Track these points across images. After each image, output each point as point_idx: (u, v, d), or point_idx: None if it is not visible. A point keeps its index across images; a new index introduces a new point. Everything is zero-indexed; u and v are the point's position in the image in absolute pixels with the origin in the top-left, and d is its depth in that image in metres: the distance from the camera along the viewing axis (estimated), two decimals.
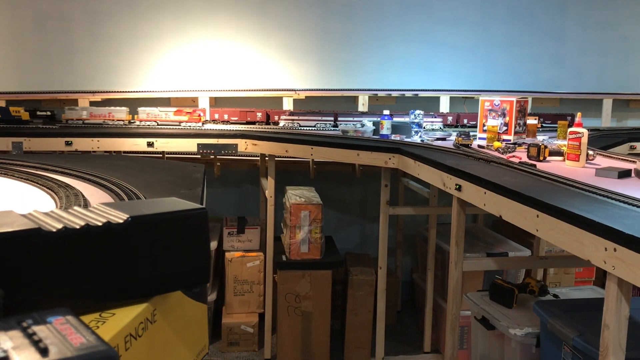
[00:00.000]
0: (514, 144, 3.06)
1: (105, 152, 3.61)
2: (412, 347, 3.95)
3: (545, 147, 2.67)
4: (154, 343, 0.78)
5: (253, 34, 4.48)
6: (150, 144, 3.55)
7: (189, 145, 3.56)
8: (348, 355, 3.77)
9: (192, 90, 4.35)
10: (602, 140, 3.66)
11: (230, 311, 3.92)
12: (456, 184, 2.44)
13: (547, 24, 4.79)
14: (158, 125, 3.81)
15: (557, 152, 2.70)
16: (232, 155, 3.73)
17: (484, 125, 3.34)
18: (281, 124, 3.96)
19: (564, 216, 1.72)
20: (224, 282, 3.93)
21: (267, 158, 3.72)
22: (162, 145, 3.56)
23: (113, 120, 3.82)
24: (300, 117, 3.97)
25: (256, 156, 4.23)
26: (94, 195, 1.89)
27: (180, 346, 0.82)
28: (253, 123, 4.02)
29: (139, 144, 3.56)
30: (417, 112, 3.57)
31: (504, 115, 3.28)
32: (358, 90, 4.52)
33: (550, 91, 4.72)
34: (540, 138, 3.31)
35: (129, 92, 4.33)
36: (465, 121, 4.11)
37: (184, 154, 4.02)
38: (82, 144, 3.52)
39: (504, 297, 2.67)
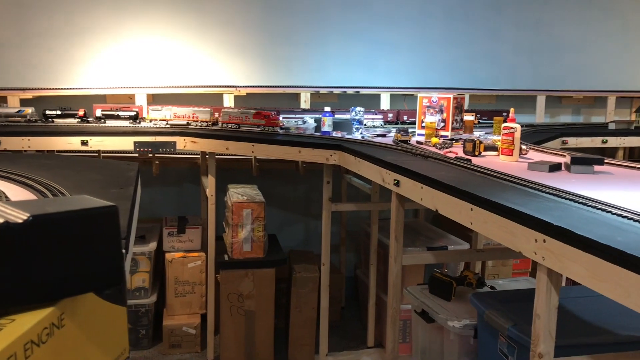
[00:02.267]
0: (451, 139, 3.12)
1: (37, 151, 3.46)
2: (355, 343, 3.97)
3: (481, 142, 2.72)
4: (62, 349, 0.74)
5: (192, 30, 4.40)
6: (84, 143, 3.42)
7: (125, 144, 3.46)
8: (292, 353, 3.75)
9: (129, 87, 4.23)
10: (536, 136, 3.78)
11: (171, 313, 3.84)
12: (395, 180, 2.46)
13: (482, 23, 4.90)
14: (239, 128, 3.62)
15: (492, 147, 2.76)
16: (170, 154, 3.65)
17: (422, 122, 3.39)
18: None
19: (497, 209, 1.76)
20: (165, 283, 3.85)
21: (207, 156, 3.66)
22: (97, 143, 3.44)
23: (197, 121, 3.66)
24: None
25: (196, 154, 4.15)
26: (19, 196, 1.80)
27: (94, 351, 0.78)
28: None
29: (72, 143, 3.43)
30: (358, 109, 3.59)
31: (441, 111, 3.33)
32: (300, 87, 4.50)
33: (486, 88, 4.84)
34: (477, 134, 3.39)
35: (62, 89, 4.17)
36: (405, 118, 4.16)
37: (121, 153, 3.90)
38: (12, 143, 3.36)
39: (443, 290, 2.72)
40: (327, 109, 3.60)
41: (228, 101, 4.33)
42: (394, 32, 4.71)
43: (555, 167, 2.38)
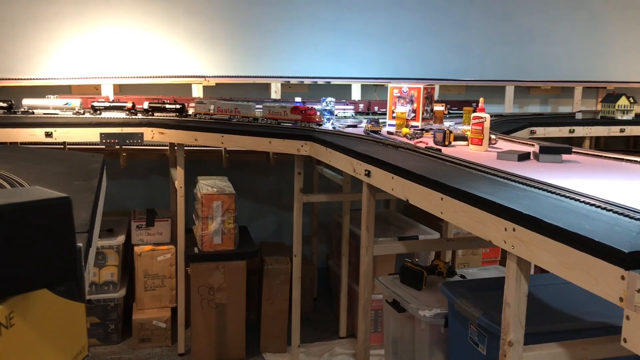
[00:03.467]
0: (422, 129, 3.12)
1: None
2: (328, 333, 3.98)
3: (451, 132, 2.73)
4: (12, 350, 0.70)
5: (159, 19, 4.30)
6: (48, 134, 3.33)
7: (91, 135, 3.38)
8: (264, 345, 3.74)
9: (95, 77, 4.13)
10: (505, 125, 3.81)
11: (141, 307, 3.78)
12: (365, 170, 2.45)
13: (452, 13, 4.92)
14: (279, 123, 3.45)
15: (461, 137, 2.77)
16: (138, 145, 3.58)
17: (393, 112, 3.38)
18: (190, 111, 3.84)
19: (466, 198, 1.76)
20: (134, 277, 3.79)
21: (176, 147, 3.59)
22: (62, 135, 3.35)
23: (238, 115, 3.54)
24: None
25: (165, 145, 4.08)
26: None
27: (49, 350, 0.74)
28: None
29: (36, 135, 3.34)
30: (329, 99, 3.57)
31: (412, 102, 3.33)
32: (270, 77, 4.45)
33: (456, 78, 4.86)
34: (447, 124, 3.40)
35: (25, 79, 4.05)
36: (376, 108, 4.16)
37: (87, 145, 3.81)
38: None
39: (414, 280, 2.72)
40: (298, 99, 3.57)
41: (197, 91, 4.26)
42: (364, 22, 4.69)
43: (524, 157, 2.39)
